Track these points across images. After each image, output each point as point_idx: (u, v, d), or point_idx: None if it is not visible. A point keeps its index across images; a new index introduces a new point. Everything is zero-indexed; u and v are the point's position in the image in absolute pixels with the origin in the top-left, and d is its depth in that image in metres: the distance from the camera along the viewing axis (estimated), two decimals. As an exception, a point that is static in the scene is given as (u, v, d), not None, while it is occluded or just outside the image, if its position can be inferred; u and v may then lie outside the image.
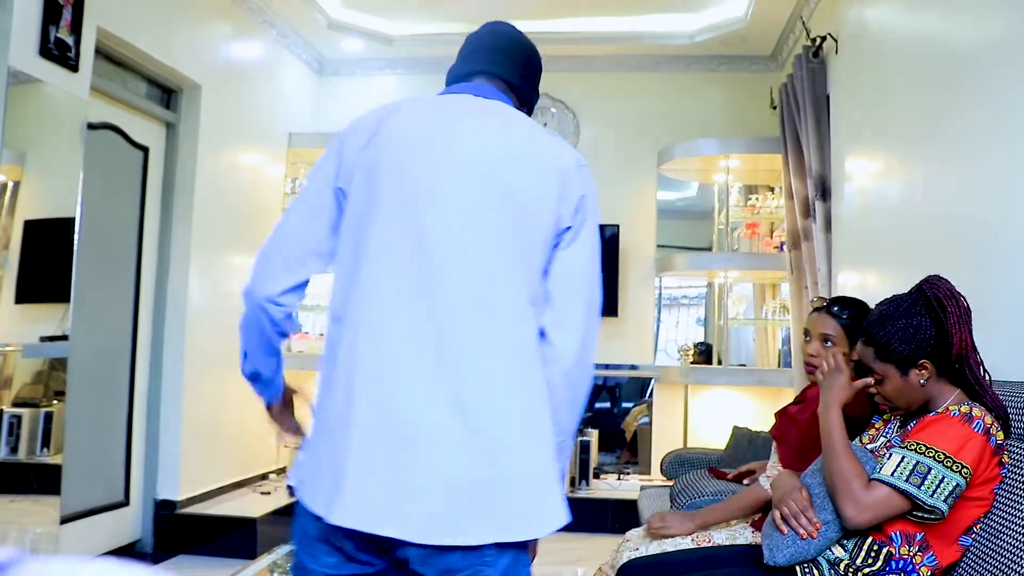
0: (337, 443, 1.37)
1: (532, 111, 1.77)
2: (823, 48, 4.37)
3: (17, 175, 3.51)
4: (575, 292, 1.45)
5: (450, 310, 1.36)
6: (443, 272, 1.37)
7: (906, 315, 1.95)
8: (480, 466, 1.31)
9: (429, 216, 1.40)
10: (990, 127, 2.48)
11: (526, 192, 1.43)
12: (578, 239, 1.47)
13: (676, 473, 4.15)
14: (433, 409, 1.32)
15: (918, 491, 1.77)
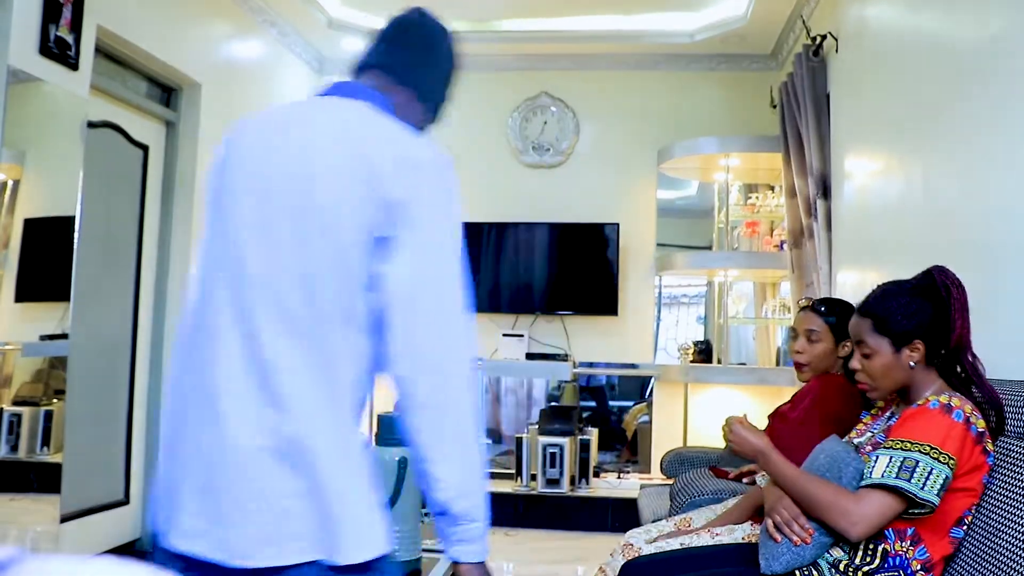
0: (164, 464, 1.38)
1: (438, 103, 1.71)
2: (823, 47, 4.37)
3: (17, 174, 3.51)
4: (406, 314, 1.29)
5: (264, 335, 1.28)
6: (254, 300, 1.30)
7: (910, 294, 1.98)
8: (291, 488, 1.26)
9: (240, 239, 1.35)
10: (990, 125, 2.48)
11: (325, 202, 1.29)
12: (401, 251, 1.29)
13: (676, 472, 4.15)
14: (247, 431, 1.27)
15: (909, 484, 1.77)
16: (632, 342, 5.99)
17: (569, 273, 5.94)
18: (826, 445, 2.05)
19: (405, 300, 1.29)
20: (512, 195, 6.15)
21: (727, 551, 2.22)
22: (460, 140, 6.25)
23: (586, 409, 6.09)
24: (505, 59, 6.21)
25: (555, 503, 5.38)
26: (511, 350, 5.79)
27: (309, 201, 1.30)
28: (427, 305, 1.31)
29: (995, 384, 2.07)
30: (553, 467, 5.38)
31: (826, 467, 1.97)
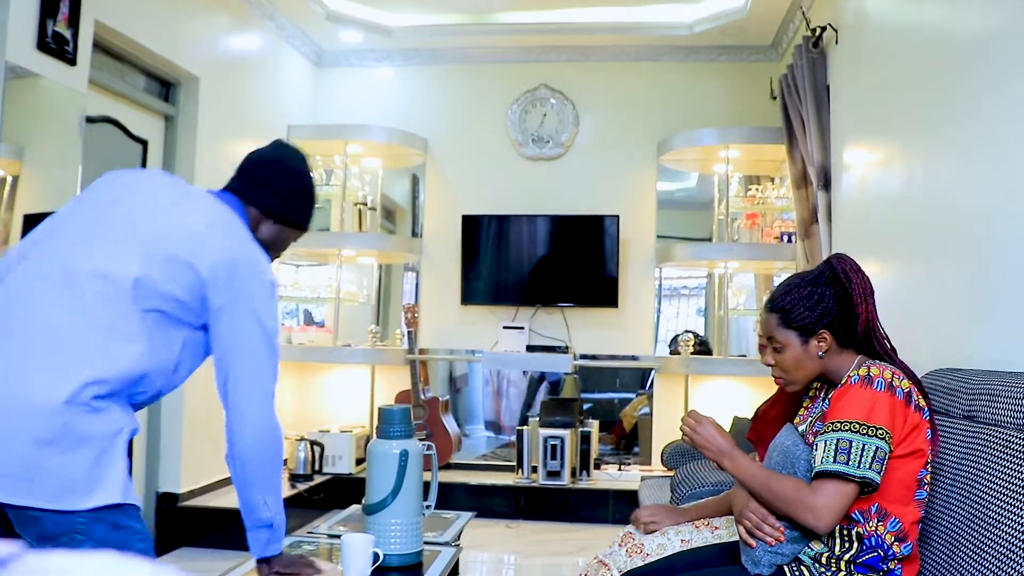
0: None
1: (286, 220, 2.06)
2: (823, 38, 4.36)
3: (16, 169, 3.50)
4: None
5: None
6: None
7: (811, 284, 2.00)
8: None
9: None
10: (990, 116, 2.47)
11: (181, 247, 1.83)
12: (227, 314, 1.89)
13: (677, 464, 4.16)
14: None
15: (847, 467, 1.79)
16: (632, 334, 5.99)
17: (569, 265, 5.94)
18: (779, 440, 2.07)
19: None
20: (512, 188, 6.15)
21: (723, 549, 2.23)
22: (460, 132, 6.26)
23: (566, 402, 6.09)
24: (504, 51, 6.20)
25: (556, 495, 5.39)
26: (512, 342, 5.79)
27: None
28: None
29: (995, 377, 2.07)
30: (554, 459, 5.39)
31: (781, 464, 1.99)
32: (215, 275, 1.81)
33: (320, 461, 5.50)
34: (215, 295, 1.83)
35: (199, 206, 1.91)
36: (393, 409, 2.62)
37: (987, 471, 1.86)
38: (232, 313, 1.85)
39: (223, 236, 1.86)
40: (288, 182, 2.05)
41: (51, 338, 1.70)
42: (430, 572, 2.50)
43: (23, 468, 1.62)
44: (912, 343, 3.00)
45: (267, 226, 2.03)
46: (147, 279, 1.76)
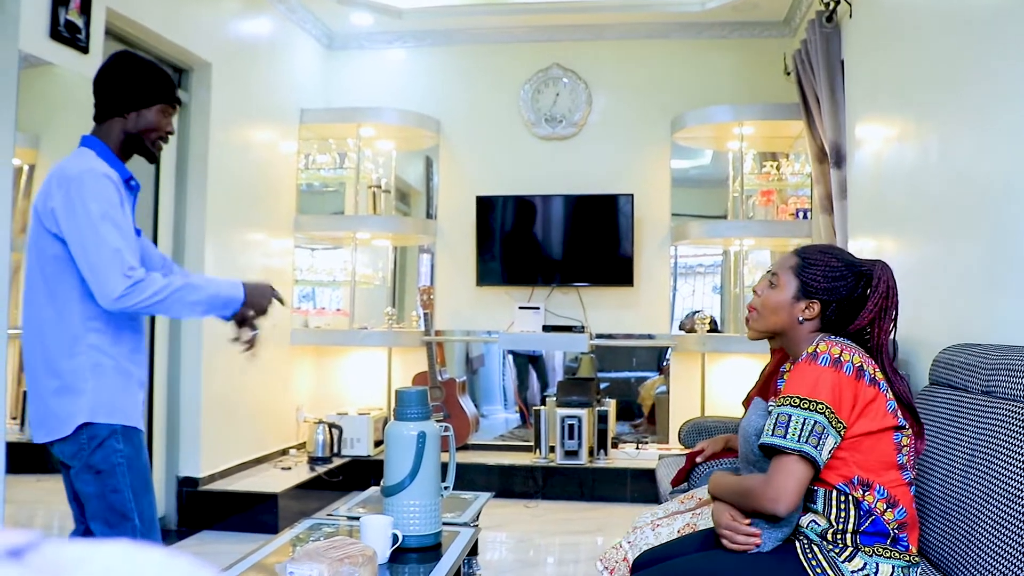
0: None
1: (131, 106, 2.32)
2: (837, 12, 4.32)
3: (32, 158, 3.52)
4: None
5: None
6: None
7: (844, 264, 2.00)
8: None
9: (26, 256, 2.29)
10: (1007, 89, 2.45)
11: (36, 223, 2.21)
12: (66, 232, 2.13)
13: (694, 442, 4.16)
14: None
15: (783, 440, 1.80)
16: (648, 312, 5.99)
17: (584, 245, 5.93)
18: (740, 425, 2.11)
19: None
20: (526, 168, 6.13)
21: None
22: (472, 113, 6.24)
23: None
24: (516, 31, 6.17)
25: (574, 475, 5.40)
26: (527, 323, 5.80)
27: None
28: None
29: (1014, 352, 2.06)
30: (571, 439, 5.40)
31: (745, 453, 2.02)
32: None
33: (338, 444, 5.53)
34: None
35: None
36: (410, 391, 2.63)
37: (1006, 446, 1.85)
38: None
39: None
40: (111, 83, 2.32)
41: None
42: (449, 553, 2.52)
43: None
44: (929, 319, 2.99)
45: (131, 119, 2.31)
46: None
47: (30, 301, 2.23)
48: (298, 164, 5.92)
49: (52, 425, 2.16)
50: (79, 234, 2.09)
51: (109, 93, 2.30)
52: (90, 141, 2.28)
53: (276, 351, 5.60)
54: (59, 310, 2.17)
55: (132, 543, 0.42)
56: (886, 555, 1.82)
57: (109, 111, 2.30)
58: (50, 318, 2.18)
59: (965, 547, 1.90)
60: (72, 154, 2.24)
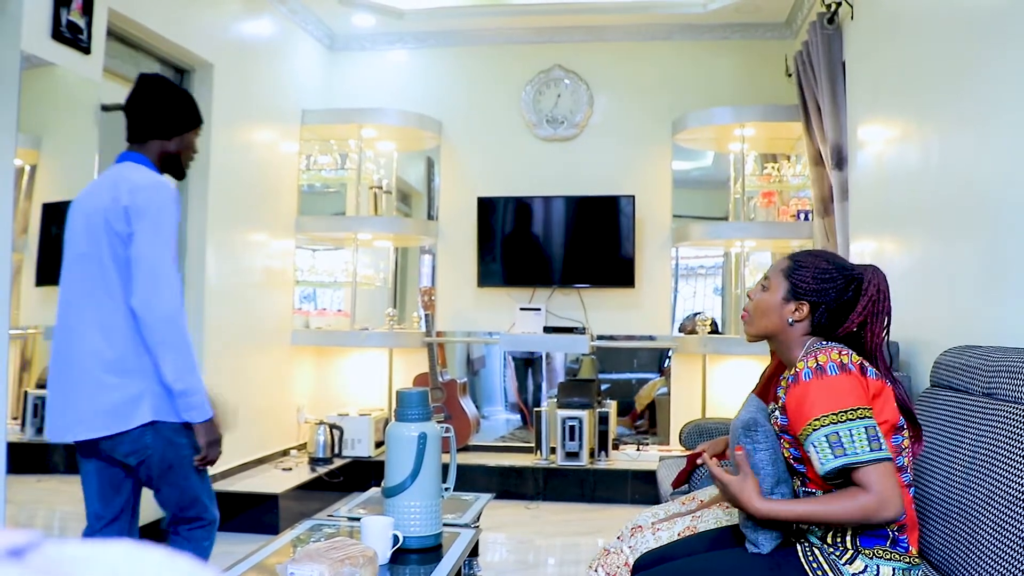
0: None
1: (177, 131, 2.47)
2: (838, 14, 4.32)
3: (34, 159, 3.53)
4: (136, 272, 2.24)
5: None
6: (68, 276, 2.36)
7: (835, 267, 1.99)
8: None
9: (66, 253, 2.39)
10: (1008, 90, 2.45)
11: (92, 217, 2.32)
12: (133, 236, 2.24)
13: (695, 443, 4.16)
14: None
15: (856, 456, 1.74)
16: (649, 314, 5.99)
17: (585, 246, 5.93)
18: (742, 414, 2.07)
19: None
20: (527, 169, 6.13)
21: (726, 533, 2.24)
22: (474, 114, 6.24)
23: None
24: (517, 32, 6.17)
25: (575, 476, 5.40)
26: (529, 324, 5.80)
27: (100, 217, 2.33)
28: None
29: (1015, 353, 2.06)
30: (572, 440, 5.40)
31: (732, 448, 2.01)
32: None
33: (339, 444, 5.53)
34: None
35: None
36: (411, 392, 2.63)
37: (1007, 448, 1.85)
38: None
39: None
40: (157, 107, 2.46)
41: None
42: (449, 554, 2.52)
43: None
44: (931, 320, 2.99)
45: (173, 142, 2.46)
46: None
47: (86, 298, 2.28)
48: (299, 165, 5.93)
49: (105, 421, 2.26)
50: (154, 245, 2.23)
51: (152, 117, 2.44)
52: (139, 158, 2.41)
53: (277, 352, 5.60)
54: (120, 309, 2.25)
55: (135, 543, 0.42)
56: (886, 557, 1.82)
57: (151, 133, 2.43)
58: (117, 318, 2.25)
59: (966, 549, 1.89)
60: (125, 166, 2.37)
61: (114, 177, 2.33)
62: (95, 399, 2.26)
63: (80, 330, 2.29)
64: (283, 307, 5.73)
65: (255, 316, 5.32)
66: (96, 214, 2.28)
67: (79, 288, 2.30)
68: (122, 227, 2.24)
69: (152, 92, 2.47)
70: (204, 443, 2.35)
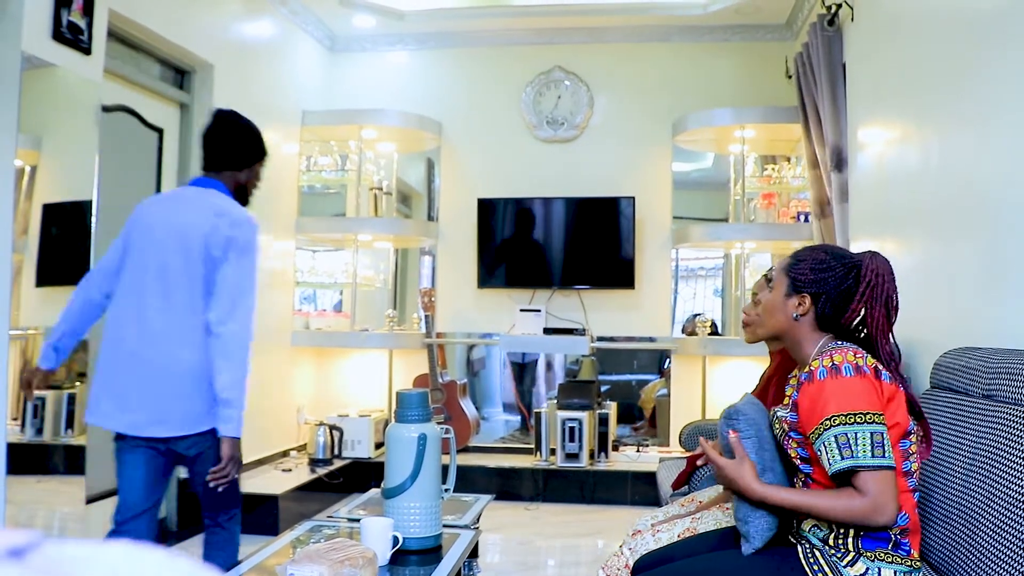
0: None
1: (251, 163, 2.79)
2: (838, 16, 4.32)
3: (34, 159, 3.53)
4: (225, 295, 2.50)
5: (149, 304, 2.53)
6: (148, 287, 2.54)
7: (832, 257, 2.00)
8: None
9: (147, 258, 2.56)
10: (1008, 91, 2.45)
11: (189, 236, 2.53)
12: (226, 262, 2.51)
13: (694, 445, 4.16)
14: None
15: (859, 460, 1.74)
16: (649, 315, 5.99)
17: (585, 247, 5.93)
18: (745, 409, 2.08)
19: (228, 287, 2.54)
20: (527, 170, 6.14)
21: (724, 535, 2.24)
22: (474, 116, 6.25)
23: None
24: (518, 33, 6.17)
25: (574, 477, 5.40)
26: (529, 325, 5.79)
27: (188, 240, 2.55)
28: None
29: (1015, 355, 2.06)
30: (572, 441, 5.40)
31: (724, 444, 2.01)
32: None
33: (339, 445, 5.53)
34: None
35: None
36: (411, 393, 2.63)
37: (1007, 450, 1.85)
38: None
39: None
40: (237, 140, 2.74)
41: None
42: (449, 555, 2.52)
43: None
44: (931, 322, 2.99)
45: (241, 174, 2.74)
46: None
47: (172, 310, 2.51)
48: (300, 166, 5.93)
49: (184, 423, 2.49)
50: (242, 275, 2.53)
51: (228, 151, 2.71)
52: (219, 186, 2.68)
53: (277, 353, 5.60)
54: (201, 323, 2.50)
55: (134, 544, 0.42)
56: (888, 560, 1.82)
57: (226, 165, 2.71)
58: (198, 332, 2.49)
59: (966, 551, 1.89)
60: (211, 193, 2.64)
61: (205, 202, 2.59)
62: (178, 403, 2.47)
63: (165, 338, 2.49)
64: (283, 308, 5.73)
65: (255, 317, 5.31)
66: (195, 236, 2.51)
67: (164, 298, 2.51)
68: (219, 253, 2.50)
69: (228, 127, 2.74)
70: (227, 456, 2.48)
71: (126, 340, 2.51)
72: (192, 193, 2.66)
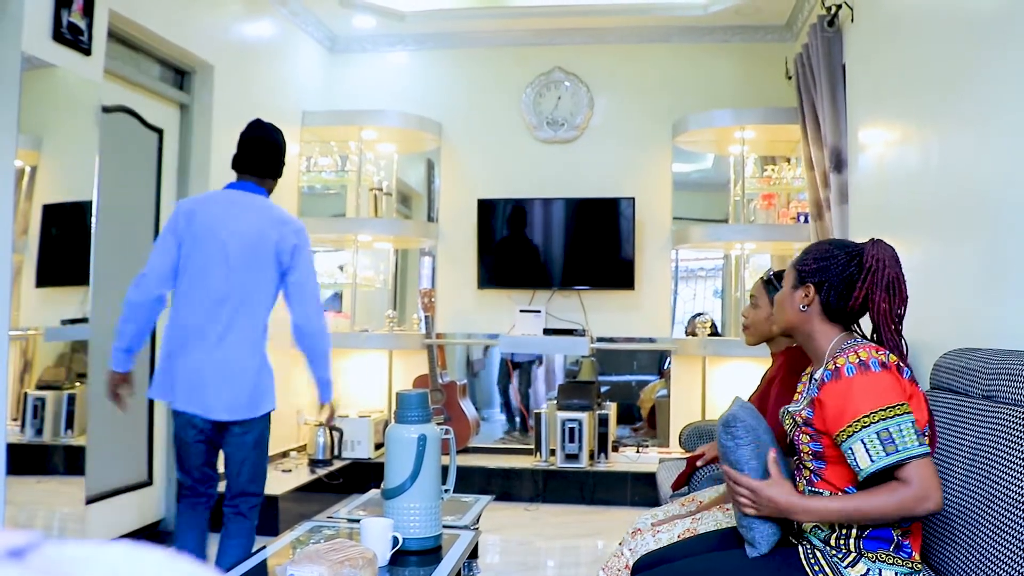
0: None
1: (277, 177, 3.12)
2: (838, 17, 4.32)
3: (34, 160, 3.53)
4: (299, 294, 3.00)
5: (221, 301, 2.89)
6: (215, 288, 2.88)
7: (835, 246, 2.02)
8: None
9: (214, 258, 2.88)
10: (1008, 91, 2.45)
11: (259, 243, 2.92)
12: (296, 267, 2.98)
13: (694, 445, 4.16)
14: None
15: (906, 452, 1.73)
16: (649, 316, 5.99)
17: (585, 248, 5.93)
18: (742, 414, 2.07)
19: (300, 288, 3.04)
20: (527, 171, 6.14)
21: (726, 535, 2.24)
22: (474, 116, 6.25)
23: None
24: (517, 34, 6.18)
25: (574, 478, 5.40)
26: (528, 326, 5.80)
27: (256, 243, 2.93)
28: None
29: (1015, 356, 2.06)
30: (572, 442, 5.40)
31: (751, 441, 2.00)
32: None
33: (339, 446, 5.53)
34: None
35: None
36: (411, 394, 2.63)
37: (1007, 451, 1.85)
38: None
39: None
40: (277, 153, 3.10)
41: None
42: (449, 555, 2.52)
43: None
44: (931, 323, 2.98)
45: (276, 182, 3.13)
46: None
47: (240, 309, 2.88)
48: (299, 167, 5.93)
49: (248, 408, 2.91)
50: (311, 276, 3.04)
51: (275, 162, 3.07)
52: (264, 192, 3.04)
53: (276, 353, 5.59)
54: (263, 324, 2.95)
55: (134, 544, 0.42)
56: (889, 561, 1.82)
57: (271, 173, 3.07)
58: (260, 330, 2.95)
59: (966, 552, 1.89)
60: (267, 201, 3.02)
61: (264, 209, 2.97)
62: (243, 391, 2.88)
63: (235, 333, 2.87)
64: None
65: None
66: (265, 243, 2.89)
67: (234, 297, 2.87)
68: (287, 260, 2.93)
69: (273, 139, 3.09)
70: (330, 412, 3.36)
71: (206, 338, 2.85)
72: (242, 198, 2.96)
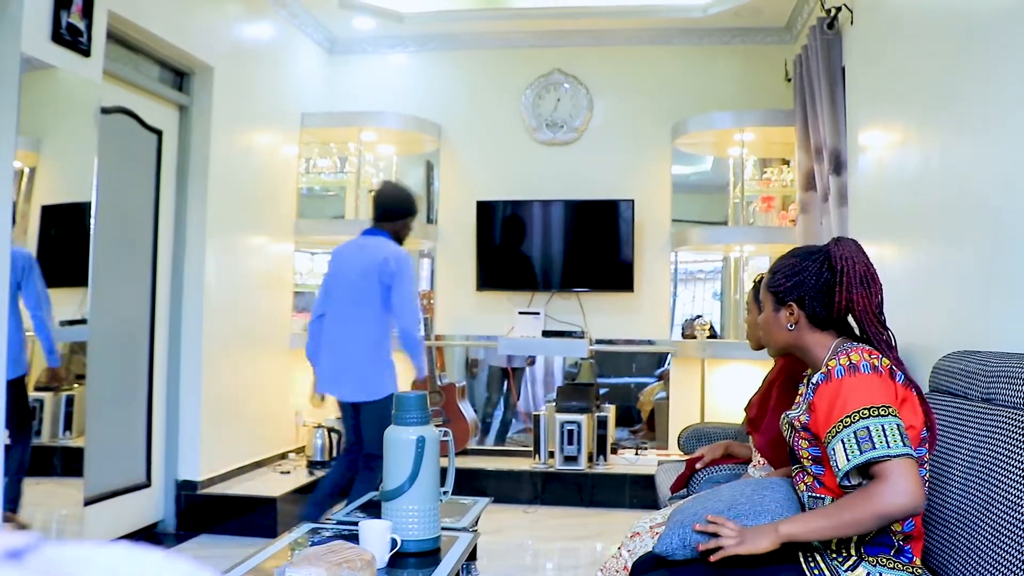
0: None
1: (404, 218, 4.11)
2: (838, 19, 4.32)
3: (33, 161, 3.52)
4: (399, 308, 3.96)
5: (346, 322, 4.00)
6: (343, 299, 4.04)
7: (800, 257, 2.01)
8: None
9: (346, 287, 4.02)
10: (1007, 95, 2.45)
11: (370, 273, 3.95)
12: (395, 287, 3.93)
13: (693, 448, 4.15)
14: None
15: (886, 450, 1.72)
16: (648, 318, 5.98)
17: (584, 250, 5.93)
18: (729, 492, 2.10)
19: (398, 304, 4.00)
20: (526, 173, 6.14)
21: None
22: (474, 118, 6.25)
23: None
24: (517, 36, 6.18)
25: (573, 480, 5.40)
26: (527, 328, 5.79)
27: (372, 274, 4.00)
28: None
29: (1014, 359, 2.06)
30: (571, 444, 5.40)
31: (751, 503, 2.01)
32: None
33: (338, 448, 5.52)
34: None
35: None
36: (409, 396, 2.63)
37: (1006, 454, 1.85)
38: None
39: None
40: (394, 203, 4.11)
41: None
42: (447, 557, 2.51)
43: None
44: (930, 325, 2.98)
45: (398, 224, 4.09)
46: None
47: (357, 317, 3.96)
48: (299, 168, 5.93)
49: (370, 391, 3.94)
50: (405, 291, 3.92)
51: (391, 211, 4.07)
52: (384, 235, 4.04)
53: (275, 355, 5.60)
54: (384, 324, 3.99)
55: (133, 545, 0.42)
56: (889, 566, 1.81)
57: (389, 219, 4.07)
58: (373, 332, 3.96)
59: (965, 555, 1.89)
60: (381, 239, 4.02)
61: (378, 247, 3.97)
62: (367, 378, 3.95)
63: (354, 335, 3.96)
64: (282, 310, 5.73)
65: (254, 319, 5.32)
66: (372, 269, 3.92)
67: (353, 309, 3.96)
68: (387, 280, 3.91)
69: (398, 194, 4.16)
70: (422, 387, 4.16)
71: (338, 342, 3.98)
72: (367, 241, 4.03)
